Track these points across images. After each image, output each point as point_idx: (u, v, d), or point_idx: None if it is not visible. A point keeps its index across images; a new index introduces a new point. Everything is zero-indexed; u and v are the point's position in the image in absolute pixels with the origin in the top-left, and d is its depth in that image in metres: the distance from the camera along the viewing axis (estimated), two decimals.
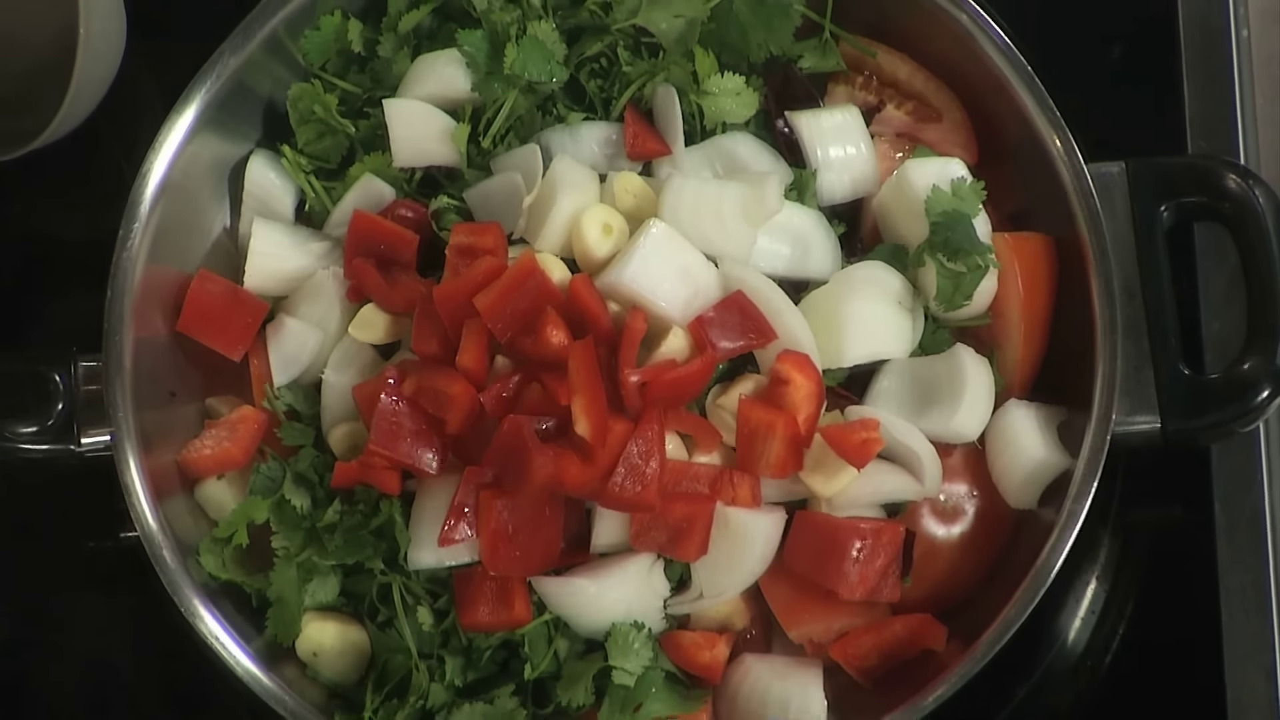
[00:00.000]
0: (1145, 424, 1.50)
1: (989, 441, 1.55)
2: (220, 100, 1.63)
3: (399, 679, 1.54)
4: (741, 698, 1.52)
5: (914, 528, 1.53)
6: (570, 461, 1.45)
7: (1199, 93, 1.74)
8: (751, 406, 1.48)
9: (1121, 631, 1.65)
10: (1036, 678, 1.64)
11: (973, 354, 1.53)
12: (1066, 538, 1.45)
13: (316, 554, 1.54)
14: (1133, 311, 1.52)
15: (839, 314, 1.53)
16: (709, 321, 1.50)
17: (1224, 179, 1.53)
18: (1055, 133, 1.54)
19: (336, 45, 1.68)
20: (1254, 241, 1.51)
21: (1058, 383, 1.56)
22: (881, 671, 1.53)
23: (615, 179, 1.56)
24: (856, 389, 1.57)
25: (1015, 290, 1.56)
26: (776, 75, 1.66)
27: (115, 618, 1.74)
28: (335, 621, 1.55)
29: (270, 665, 1.52)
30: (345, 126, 1.66)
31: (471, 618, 1.50)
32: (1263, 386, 1.48)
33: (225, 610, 1.54)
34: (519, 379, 1.50)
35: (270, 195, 1.69)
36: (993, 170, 1.61)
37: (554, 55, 1.60)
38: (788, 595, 1.53)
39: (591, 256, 1.52)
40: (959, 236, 1.52)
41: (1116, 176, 1.56)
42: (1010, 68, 1.57)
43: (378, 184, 1.63)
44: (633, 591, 1.49)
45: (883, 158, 1.65)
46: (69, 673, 1.74)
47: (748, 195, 1.53)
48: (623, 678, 1.47)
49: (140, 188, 1.60)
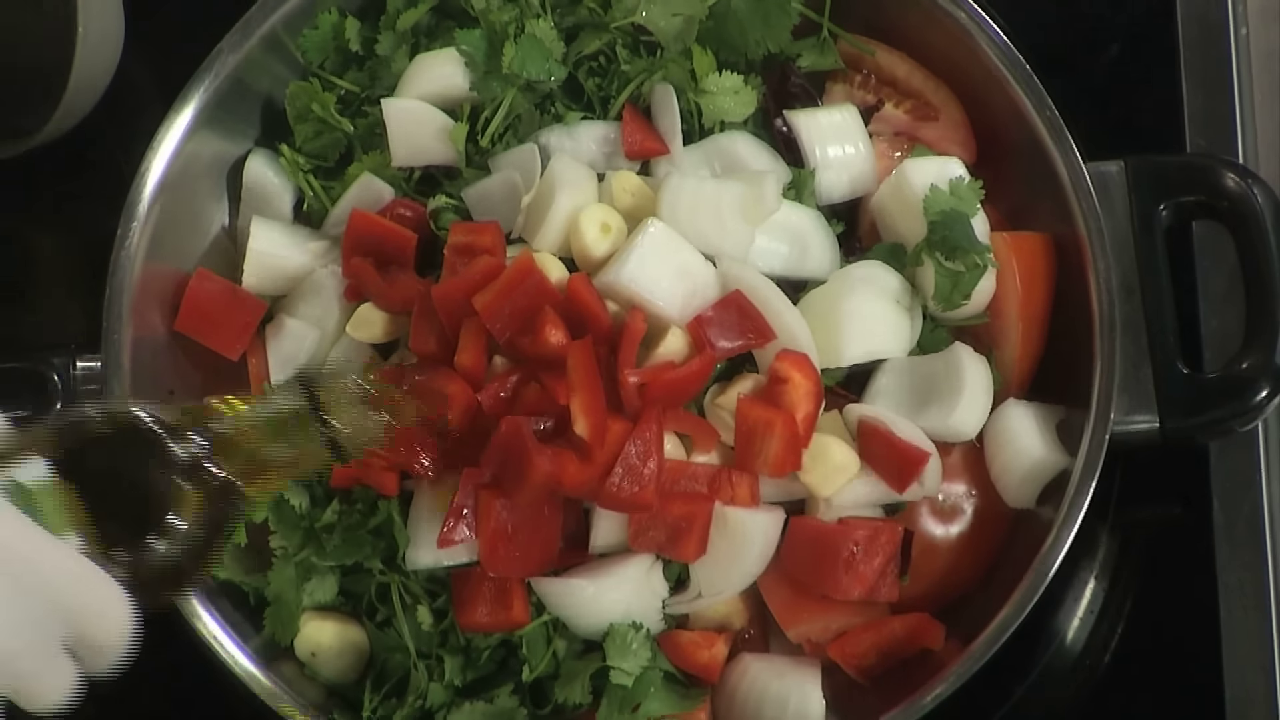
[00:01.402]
0: (1144, 422, 1.50)
1: (987, 440, 1.55)
2: (219, 99, 1.63)
3: (398, 678, 1.54)
4: (740, 697, 1.52)
5: (912, 527, 1.53)
6: (569, 461, 1.44)
7: (1197, 91, 1.74)
8: (750, 405, 1.48)
9: (1120, 630, 1.64)
10: (1035, 676, 1.64)
11: (971, 352, 1.53)
12: (1065, 536, 1.44)
13: (315, 554, 1.54)
14: (1131, 310, 1.52)
15: (837, 313, 1.53)
16: (707, 321, 1.50)
17: (1222, 178, 1.53)
18: (1053, 131, 1.54)
19: (335, 43, 1.68)
20: (1253, 240, 1.51)
21: (1056, 381, 1.56)
22: (880, 670, 1.53)
23: (613, 178, 1.55)
24: (855, 388, 1.57)
25: (1014, 289, 1.55)
26: (775, 74, 1.66)
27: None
28: (334, 621, 1.56)
29: (268, 664, 1.52)
30: (343, 125, 1.66)
31: (470, 619, 1.50)
32: (1261, 385, 1.48)
33: (223, 609, 1.54)
34: (517, 379, 1.50)
35: (268, 194, 1.69)
36: (991, 169, 1.61)
37: (552, 54, 1.60)
38: (786, 595, 1.53)
39: (590, 255, 1.52)
40: (957, 235, 1.52)
41: (1115, 175, 1.55)
42: (1008, 66, 1.57)
43: (376, 183, 1.62)
44: (632, 592, 1.49)
45: (881, 156, 1.64)
46: None
47: (746, 194, 1.53)
48: (620, 677, 1.47)
49: (138, 186, 1.59)
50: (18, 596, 1.04)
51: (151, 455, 1.16)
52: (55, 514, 1.11)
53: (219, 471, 1.18)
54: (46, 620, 1.06)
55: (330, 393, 1.26)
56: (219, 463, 1.19)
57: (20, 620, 1.04)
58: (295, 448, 1.24)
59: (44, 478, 1.12)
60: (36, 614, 1.05)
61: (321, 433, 1.24)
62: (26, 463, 1.12)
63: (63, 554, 1.08)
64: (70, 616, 1.08)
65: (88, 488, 1.13)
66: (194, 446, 1.18)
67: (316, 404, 1.25)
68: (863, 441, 1.51)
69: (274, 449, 1.23)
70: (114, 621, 1.11)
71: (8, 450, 1.13)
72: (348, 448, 1.27)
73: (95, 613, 1.10)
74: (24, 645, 1.05)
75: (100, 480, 1.14)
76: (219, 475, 1.18)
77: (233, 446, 1.20)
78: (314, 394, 1.25)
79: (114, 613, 1.11)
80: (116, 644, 1.12)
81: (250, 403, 1.24)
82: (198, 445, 1.18)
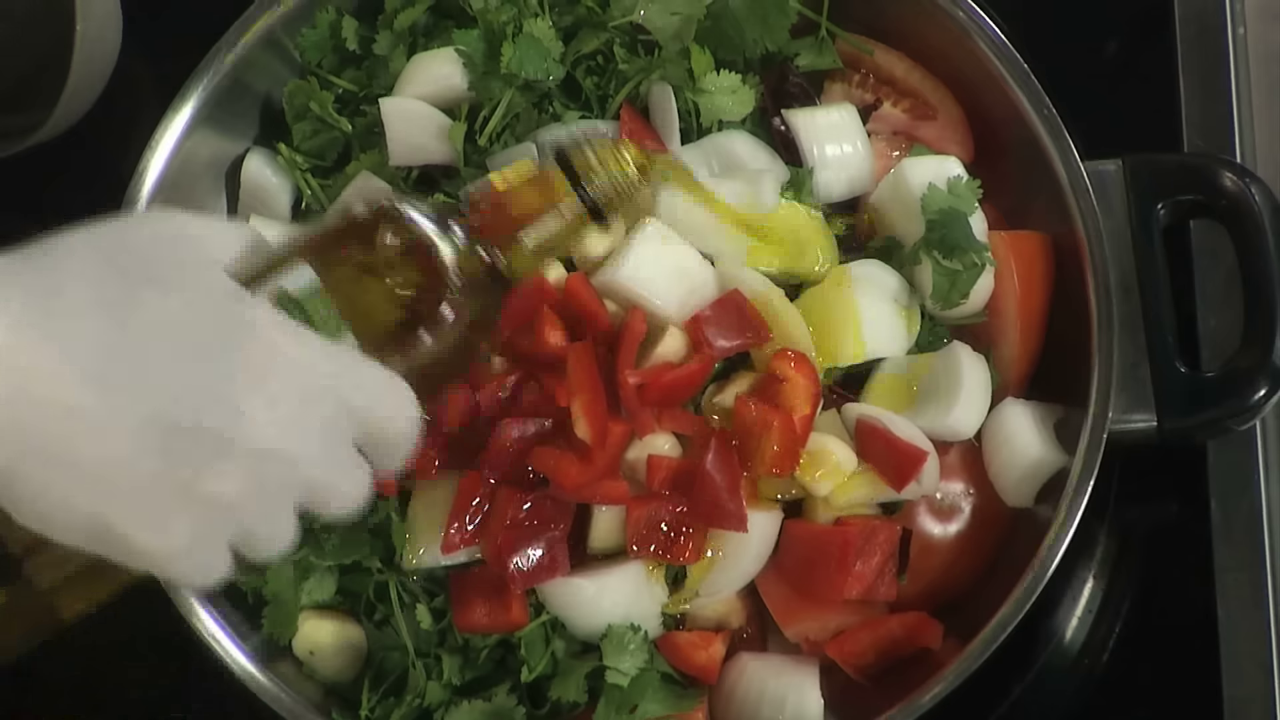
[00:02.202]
0: (1142, 421, 1.50)
1: (985, 439, 1.55)
2: (217, 97, 1.63)
3: (396, 677, 1.54)
4: (738, 696, 1.51)
5: (910, 526, 1.53)
6: (568, 463, 1.44)
7: (1195, 90, 1.73)
8: (748, 405, 1.48)
9: (1118, 629, 1.64)
10: (1033, 675, 1.63)
11: (969, 351, 1.53)
12: (1063, 535, 1.44)
13: (313, 553, 1.53)
14: (1129, 309, 1.52)
15: (835, 312, 1.53)
16: (705, 320, 1.49)
17: (1220, 177, 1.53)
18: (1051, 130, 1.54)
19: (332, 42, 1.68)
20: (1250, 239, 1.51)
21: (1054, 380, 1.56)
22: (878, 669, 1.52)
23: None
24: (853, 387, 1.57)
25: (1012, 288, 1.55)
26: (773, 73, 1.66)
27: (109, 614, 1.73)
28: (332, 620, 1.55)
29: (267, 663, 1.52)
30: (341, 124, 1.66)
31: (468, 620, 1.49)
32: (1259, 384, 1.48)
33: (221, 608, 1.54)
34: (515, 379, 1.50)
35: (266, 193, 1.69)
36: (989, 168, 1.61)
37: (550, 53, 1.60)
38: (784, 593, 1.53)
39: (588, 256, 1.52)
40: (955, 234, 1.52)
41: (1113, 174, 1.55)
42: (1006, 65, 1.57)
43: (375, 181, 1.62)
44: (632, 593, 1.49)
45: (879, 156, 1.64)
46: (63, 668, 1.73)
47: (744, 193, 1.53)
48: (616, 678, 1.47)
49: (136, 185, 1.60)
50: (306, 402, 1.03)
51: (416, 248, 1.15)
52: (326, 318, 1.10)
53: (483, 254, 1.17)
54: (335, 421, 1.05)
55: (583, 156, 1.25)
56: (484, 245, 1.17)
57: (312, 426, 1.03)
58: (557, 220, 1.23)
59: (311, 282, 1.11)
60: (325, 416, 1.04)
61: (581, 197, 1.23)
62: (292, 270, 1.11)
63: (341, 355, 1.07)
64: (357, 415, 1.07)
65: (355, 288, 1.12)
66: (456, 233, 1.16)
67: (572, 170, 1.24)
68: (860, 440, 1.51)
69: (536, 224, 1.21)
70: (399, 415, 1.10)
71: (271, 259, 1.11)
72: (607, 208, 1.25)
73: (380, 407, 1.09)
74: (319, 450, 1.04)
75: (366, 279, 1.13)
76: (483, 258, 1.17)
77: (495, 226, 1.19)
78: (568, 160, 1.24)
79: (398, 407, 1.10)
80: (404, 438, 1.11)
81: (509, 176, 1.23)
82: (461, 231, 1.17)
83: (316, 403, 1.04)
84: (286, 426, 1.02)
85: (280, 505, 1.05)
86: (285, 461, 1.02)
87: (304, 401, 1.03)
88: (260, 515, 1.03)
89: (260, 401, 1.00)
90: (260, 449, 1.00)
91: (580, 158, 1.24)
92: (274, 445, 1.01)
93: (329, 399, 1.05)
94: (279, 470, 1.02)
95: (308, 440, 1.03)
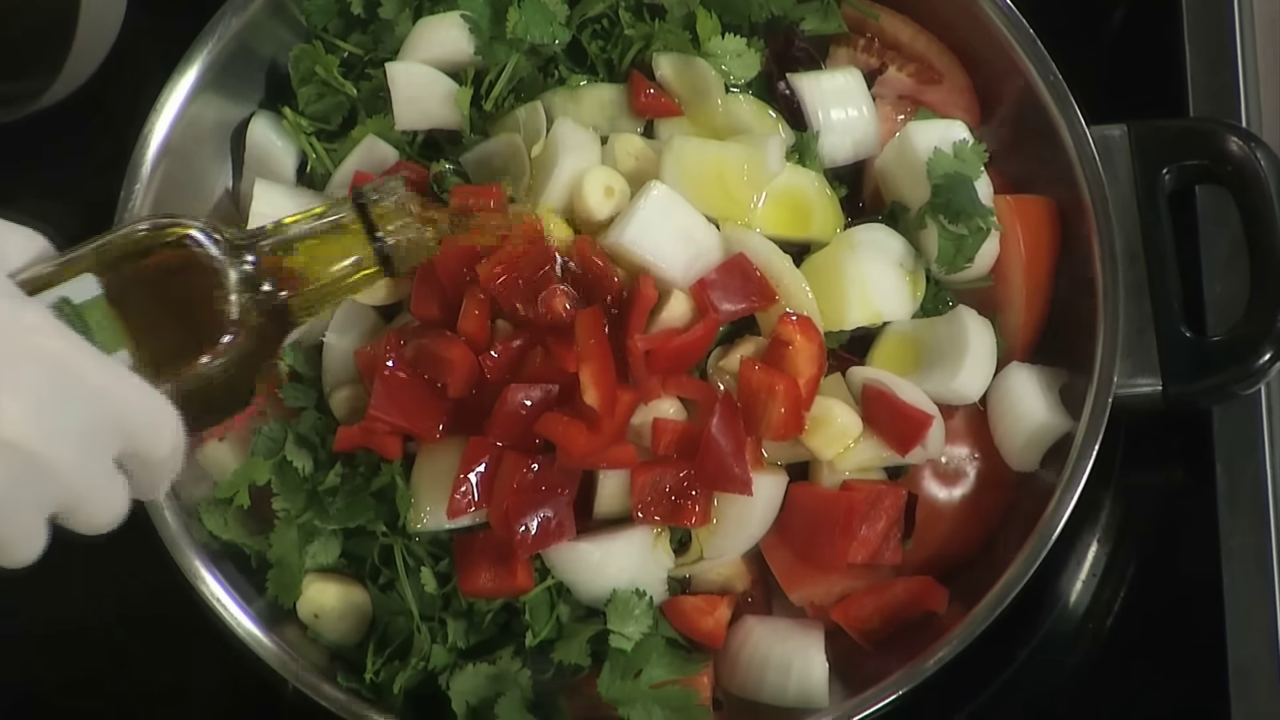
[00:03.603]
0: (1147, 386, 1.50)
1: (991, 404, 1.55)
2: (222, 62, 1.63)
3: (400, 641, 1.54)
4: (743, 660, 1.52)
5: (916, 490, 1.53)
6: (576, 430, 1.44)
7: (1200, 55, 1.73)
8: (753, 369, 1.48)
9: (1123, 594, 1.65)
10: (1038, 640, 1.63)
11: (975, 315, 1.53)
12: (1068, 500, 1.45)
13: (317, 517, 1.54)
14: (1134, 274, 1.52)
15: (841, 276, 1.53)
16: (710, 284, 1.49)
17: (1226, 142, 1.53)
18: (1057, 95, 1.54)
19: (338, 6, 1.67)
20: (1256, 204, 1.51)
21: (1060, 345, 1.56)
22: (883, 634, 1.53)
23: (616, 141, 1.55)
24: (858, 351, 1.57)
25: (1017, 253, 1.55)
26: (778, 37, 1.65)
27: (113, 577, 1.74)
28: (336, 583, 1.55)
29: (271, 627, 1.52)
30: (346, 88, 1.66)
31: (472, 585, 1.49)
32: (1265, 349, 1.48)
33: (226, 572, 1.54)
34: (521, 343, 1.49)
35: (271, 157, 1.69)
36: (994, 133, 1.61)
37: (556, 17, 1.60)
38: (789, 558, 1.53)
39: (593, 219, 1.52)
40: (961, 199, 1.52)
41: (1118, 139, 1.55)
42: (1012, 30, 1.57)
43: (381, 146, 1.62)
44: (638, 559, 1.49)
45: (884, 120, 1.64)
46: (62, 634, 1.74)
47: (749, 157, 1.53)
48: (621, 642, 1.47)
49: (142, 150, 1.60)
50: (68, 407, 1.03)
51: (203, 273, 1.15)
52: (105, 331, 1.11)
53: (270, 289, 1.18)
54: (97, 432, 1.05)
55: (381, 206, 1.26)
56: (271, 280, 1.18)
57: (71, 431, 1.03)
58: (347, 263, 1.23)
59: (94, 295, 1.11)
60: (86, 425, 1.04)
61: (373, 246, 1.24)
62: (76, 281, 1.11)
63: (112, 368, 1.07)
64: (120, 430, 1.07)
65: (138, 306, 1.12)
66: (246, 264, 1.17)
67: (368, 217, 1.24)
68: (866, 405, 1.51)
69: (326, 266, 1.22)
70: (164, 437, 1.10)
71: (57, 269, 1.12)
72: (398, 260, 1.26)
73: (144, 426, 1.09)
74: (75, 456, 1.04)
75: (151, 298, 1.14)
76: (270, 293, 1.18)
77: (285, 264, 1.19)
78: (365, 208, 1.25)
79: (163, 428, 1.10)
80: (166, 460, 1.12)
81: (301, 218, 1.23)
82: (250, 262, 1.17)
83: (78, 410, 1.04)
84: (40, 424, 1.01)
85: (26, 504, 1.04)
86: (33, 458, 1.02)
87: (65, 404, 1.03)
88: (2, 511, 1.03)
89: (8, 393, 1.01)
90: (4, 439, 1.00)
91: (378, 209, 1.26)
92: (20, 439, 1.01)
93: (92, 408, 1.05)
94: (25, 466, 1.02)
95: (64, 444, 1.03)
